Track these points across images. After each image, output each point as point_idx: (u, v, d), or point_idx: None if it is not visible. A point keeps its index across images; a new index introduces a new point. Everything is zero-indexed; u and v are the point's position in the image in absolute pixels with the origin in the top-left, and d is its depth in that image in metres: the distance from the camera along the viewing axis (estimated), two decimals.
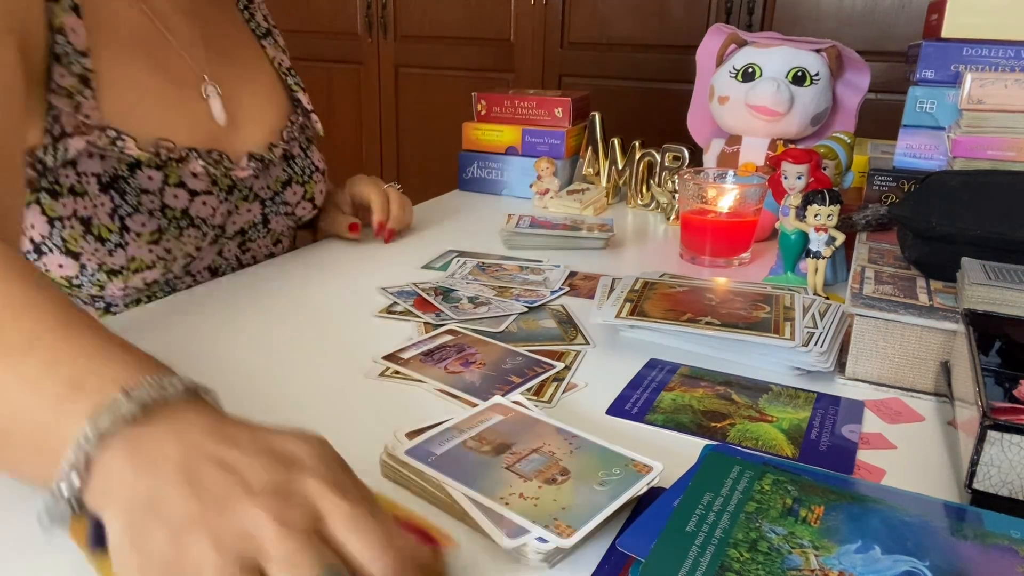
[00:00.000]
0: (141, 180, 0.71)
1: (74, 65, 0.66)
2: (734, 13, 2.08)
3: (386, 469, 0.46)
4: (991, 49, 0.78)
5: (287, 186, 0.88)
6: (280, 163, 0.87)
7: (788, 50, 0.98)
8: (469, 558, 0.40)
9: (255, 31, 0.92)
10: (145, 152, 0.71)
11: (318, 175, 0.92)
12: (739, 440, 0.51)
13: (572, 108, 1.18)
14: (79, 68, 0.67)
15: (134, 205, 0.71)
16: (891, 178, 0.86)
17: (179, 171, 0.74)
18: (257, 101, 0.86)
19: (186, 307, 0.73)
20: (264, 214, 0.86)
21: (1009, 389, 0.50)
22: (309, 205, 0.92)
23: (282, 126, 0.88)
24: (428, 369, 0.60)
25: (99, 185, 0.69)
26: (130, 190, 0.70)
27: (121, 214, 0.70)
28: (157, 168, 0.72)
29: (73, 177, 0.68)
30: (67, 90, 0.66)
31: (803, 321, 0.63)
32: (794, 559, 0.36)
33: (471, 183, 1.25)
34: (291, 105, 0.92)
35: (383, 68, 2.61)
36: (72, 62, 0.66)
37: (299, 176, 0.89)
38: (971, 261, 0.61)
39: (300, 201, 0.90)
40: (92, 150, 0.68)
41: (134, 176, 0.71)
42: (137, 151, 0.70)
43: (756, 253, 0.91)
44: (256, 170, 0.82)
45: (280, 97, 0.91)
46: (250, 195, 0.83)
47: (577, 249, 0.93)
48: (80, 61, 0.67)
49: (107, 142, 0.68)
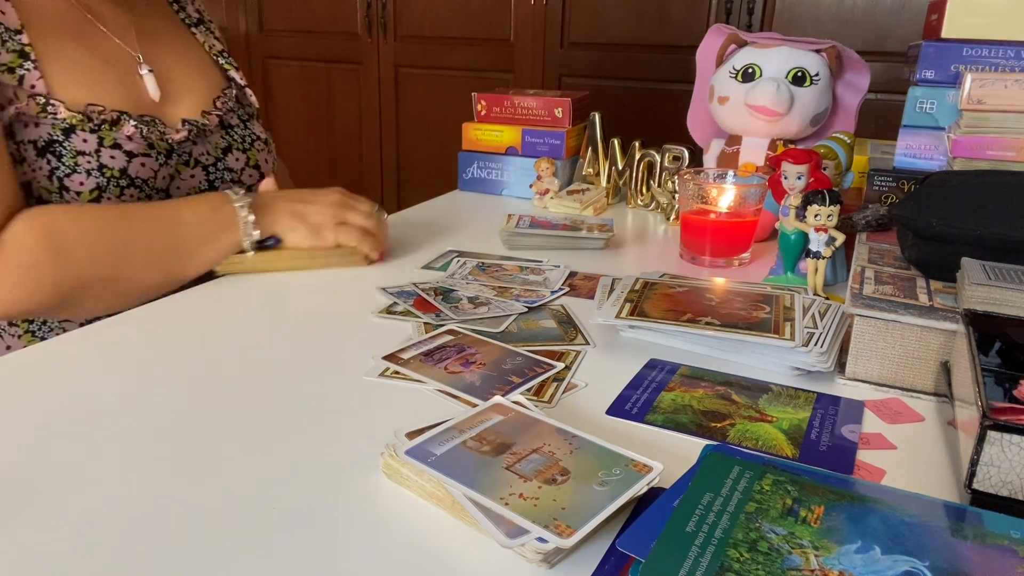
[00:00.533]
0: (76, 143, 0.76)
1: (8, 43, 0.73)
2: (734, 13, 2.08)
3: (386, 469, 0.46)
4: (991, 49, 0.78)
5: (227, 152, 0.92)
6: (217, 131, 0.92)
7: (788, 50, 0.98)
8: (469, 558, 0.40)
9: (184, 20, 0.99)
10: (76, 114, 0.76)
11: (260, 143, 0.98)
12: (739, 440, 0.51)
13: (572, 108, 1.18)
14: (15, 44, 0.74)
15: (71, 166, 0.76)
16: (891, 178, 0.86)
17: (113, 134, 0.79)
18: (190, 77, 0.92)
19: (186, 304, 0.73)
20: (209, 180, 0.91)
21: (1009, 389, 0.51)
22: (256, 173, 0.97)
23: (215, 96, 0.94)
24: (428, 369, 0.60)
25: (35, 150, 0.75)
26: (66, 153, 0.76)
27: (59, 175, 0.76)
28: (92, 132, 0.77)
29: (12, 146, 0.74)
30: (6, 66, 0.73)
31: (803, 321, 0.63)
32: (794, 559, 0.36)
33: (471, 183, 1.25)
34: (225, 81, 0.98)
35: (383, 68, 2.61)
36: (6, 39, 0.73)
37: (239, 143, 0.94)
38: (971, 261, 0.61)
39: (244, 168, 0.95)
40: (25, 119, 0.74)
41: (69, 140, 0.76)
42: (67, 113, 0.76)
43: (756, 253, 0.91)
44: (191, 135, 0.87)
45: (213, 73, 0.97)
46: (191, 160, 0.88)
47: (577, 249, 0.93)
48: (15, 38, 0.74)
49: (37, 109, 0.74)
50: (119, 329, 0.68)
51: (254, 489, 0.45)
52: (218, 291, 0.77)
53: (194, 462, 0.48)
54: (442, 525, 0.42)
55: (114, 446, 0.49)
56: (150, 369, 0.60)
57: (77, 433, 0.51)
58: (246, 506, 0.43)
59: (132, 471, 0.47)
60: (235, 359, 0.63)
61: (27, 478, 0.46)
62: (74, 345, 0.65)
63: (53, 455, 0.48)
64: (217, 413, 0.54)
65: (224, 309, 0.73)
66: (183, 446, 0.49)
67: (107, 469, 0.47)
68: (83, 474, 0.46)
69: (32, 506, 0.43)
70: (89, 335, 0.67)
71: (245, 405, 0.55)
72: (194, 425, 0.52)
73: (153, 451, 0.49)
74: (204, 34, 0.99)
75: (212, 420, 0.53)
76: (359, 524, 0.42)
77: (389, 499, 0.44)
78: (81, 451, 0.48)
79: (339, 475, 0.46)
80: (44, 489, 0.45)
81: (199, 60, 0.96)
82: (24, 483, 0.45)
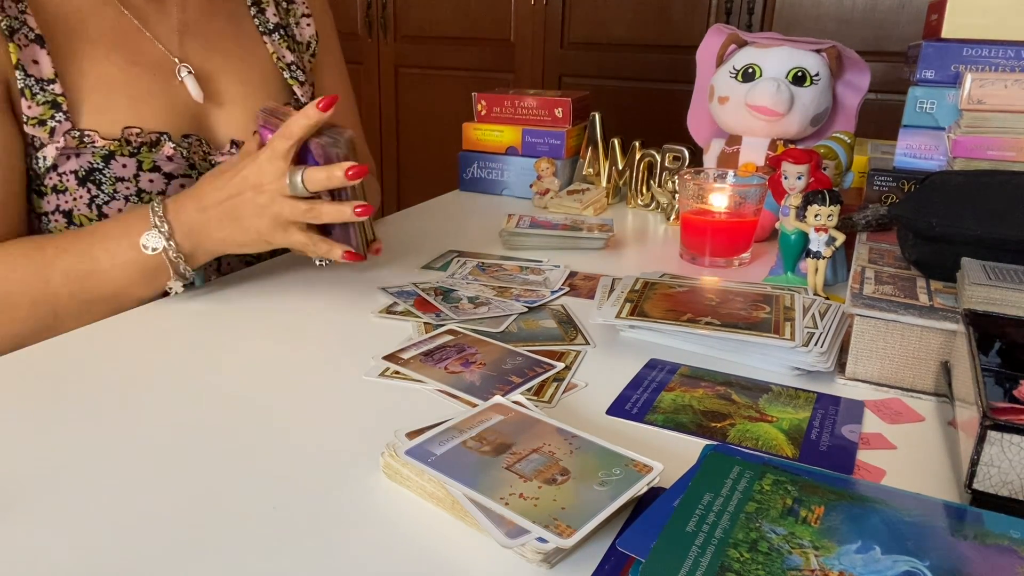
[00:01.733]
0: (115, 169, 0.75)
1: (39, 95, 0.73)
2: (734, 13, 2.08)
3: (386, 469, 0.46)
4: (991, 49, 0.78)
5: None
6: None
7: (788, 50, 0.98)
8: (469, 558, 0.40)
9: (259, 27, 0.93)
10: (113, 142, 0.75)
11: None
12: (739, 440, 0.51)
13: (572, 108, 1.18)
14: (47, 96, 0.73)
15: (110, 194, 0.76)
16: (891, 178, 0.86)
17: (152, 155, 0.77)
18: (244, 87, 0.88)
19: (187, 304, 0.73)
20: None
21: (1009, 389, 0.51)
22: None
23: None
24: (428, 369, 0.60)
25: (77, 180, 0.75)
26: (105, 180, 0.75)
27: (98, 203, 0.76)
28: (131, 156, 0.76)
29: (56, 178, 0.75)
30: (38, 119, 0.73)
31: (803, 321, 0.63)
32: (794, 559, 0.36)
33: (471, 183, 1.25)
34: (287, 95, 0.93)
35: (383, 68, 2.61)
36: (37, 92, 0.73)
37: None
38: (971, 261, 0.61)
39: None
40: (67, 151, 0.74)
41: (108, 166, 0.75)
42: (103, 142, 0.75)
43: (756, 253, 0.91)
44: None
45: (274, 85, 0.91)
46: None
47: (577, 249, 0.93)
48: (47, 89, 0.73)
49: (75, 142, 0.74)
50: (118, 329, 0.68)
51: (254, 489, 0.45)
52: (218, 291, 0.77)
53: (194, 462, 0.48)
54: (442, 525, 0.42)
55: (114, 446, 0.49)
56: (150, 369, 0.60)
57: (77, 433, 0.51)
58: (246, 506, 0.43)
59: (132, 471, 0.47)
60: (235, 359, 0.63)
61: (27, 478, 0.46)
62: (74, 345, 0.65)
63: (53, 455, 0.48)
64: (217, 413, 0.54)
65: (224, 309, 0.73)
66: (183, 446, 0.49)
67: (107, 469, 0.47)
68: (83, 474, 0.46)
69: (32, 506, 0.43)
70: (89, 335, 0.67)
71: (245, 405, 0.55)
72: (194, 425, 0.52)
73: (153, 451, 0.49)
74: (278, 43, 0.93)
75: (212, 420, 0.53)
76: (359, 524, 0.42)
77: (389, 499, 0.44)
78: (81, 451, 0.48)
79: (339, 475, 0.46)
80: (44, 489, 0.45)
81: (261, 70, 0.90)
82: (24, 483, 0.45)
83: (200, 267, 0.74)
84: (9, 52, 0.71)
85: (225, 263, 0.87)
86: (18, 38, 0.72)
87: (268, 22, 0.93)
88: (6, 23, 0.71)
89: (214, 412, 0.54)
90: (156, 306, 0.73)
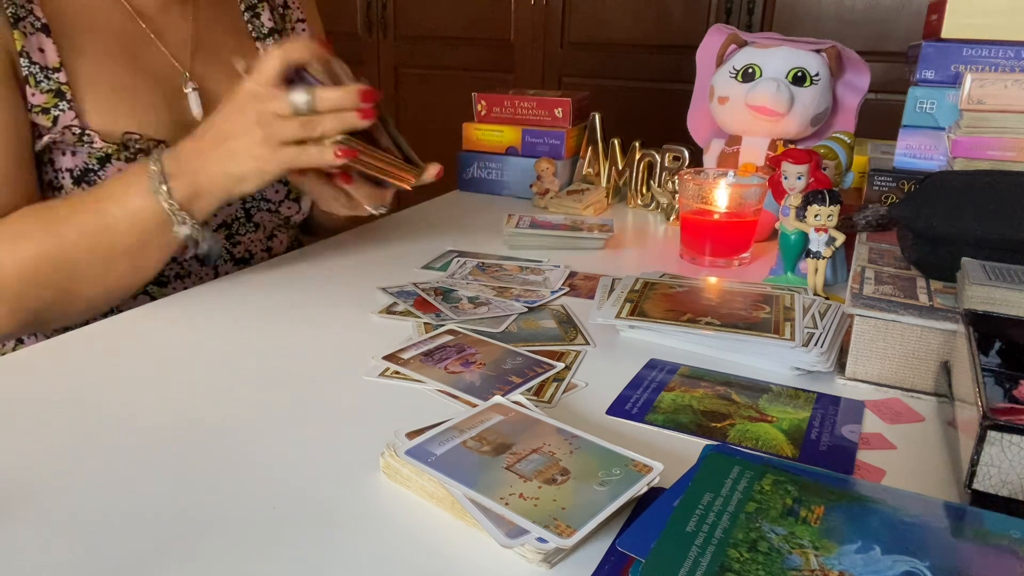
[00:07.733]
0: (110, 172, 0.76)
1: (43, 83, 0.73)
2: (734, 13, 2.08)
3: (386, 469, 0.46)
4: (991, 49, 0.78)
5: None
6: None
7: (788, 50, 0.98)
8: (469, 558, 0.40)
9: (252, 32, 0.92)
10: (111, 145, 0.75)
11: None
12: (739, 440, 0.51)
13: (572, 108, 1.18)
14: (51, 84, 0.73)
15: None
16: (891, 178, 0.86)
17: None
18: None
19: (187, 305, 0.73)
20: (246, 209, 0.88)
21: (1009, 389, 0.51)
22: (295, 205, 0.93)
23: None
24: (428, 369, 0.60)
25: (71, 178, 0.75)
26: (99, 182, 0.75)
27: None
28: (127, 161, 0.76)
29: (51, 172, 0.75)
30: (41, 107, 0.73)
31: (803, 321, 0.63)
32: (794, 559, 0.36)
33: (471, 183, 1.25)
34: None
35: (383, 68, 2.61)
36: (41, 80, 0.73)
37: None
38: (971, 261, 0.61)
39: (284, 200, 0.91)
40: (63, 147, 0.74)
41: (104, 169, 0.76)
42: (103, 144, 0.75)
43: (756, 253, 0.91)
44: None
45: None
46: None
47: (577, 249, 0.93)
48: (52, 77, 0.73)
49: (74, 139, 0.74)
50: (118, 329, 0.68)
51: (254, 489, 0.45)
52: (218, 290, 0.77)
53: (194, 462, 0.48)
54: (442, 525, 0.42)
55: (114, 446, 0.49)
56: (150, 368, 0.60)
57: (77, 433, 0.51)
58: (246, 506, 0.43)
59: (132, 471, 0.47)
60: (235, 359, 0.63)
61: (27, 478, 0.46)
62: (74, 345, 0.65)
63: (53, 455, 0.48)
64: (217, 413, 0.54)
65: (224, 308, 0.73)
66: (183, 446, 0.49)
67: (107, 469, 0.47)
68: (82, 474, 0.46)
69: (31, 506, 0.43)
70: (89, 335, 0.67)
71: (245, 405, 0.55)
72: (194, 424, 0.52)
73: (153, 451, 0.49)
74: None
75: (212, 419, 0.53)
76: (359, 524, 0.42)
77: (389, 499, 0.44)
78: (81, 451, 0.48)
79: (339, 475, 0.46)
80: (43, 489, 0.45)
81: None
82: (24, 483, 0.45)
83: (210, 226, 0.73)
84: (14, 39, 0.72)
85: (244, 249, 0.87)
86: (23, 26, 0.72)
87: (263, 27, 0.93)
88: (12, 11, 0.72)
89: (214, 412, 0.54)
90: (156, 305, 0.73)
